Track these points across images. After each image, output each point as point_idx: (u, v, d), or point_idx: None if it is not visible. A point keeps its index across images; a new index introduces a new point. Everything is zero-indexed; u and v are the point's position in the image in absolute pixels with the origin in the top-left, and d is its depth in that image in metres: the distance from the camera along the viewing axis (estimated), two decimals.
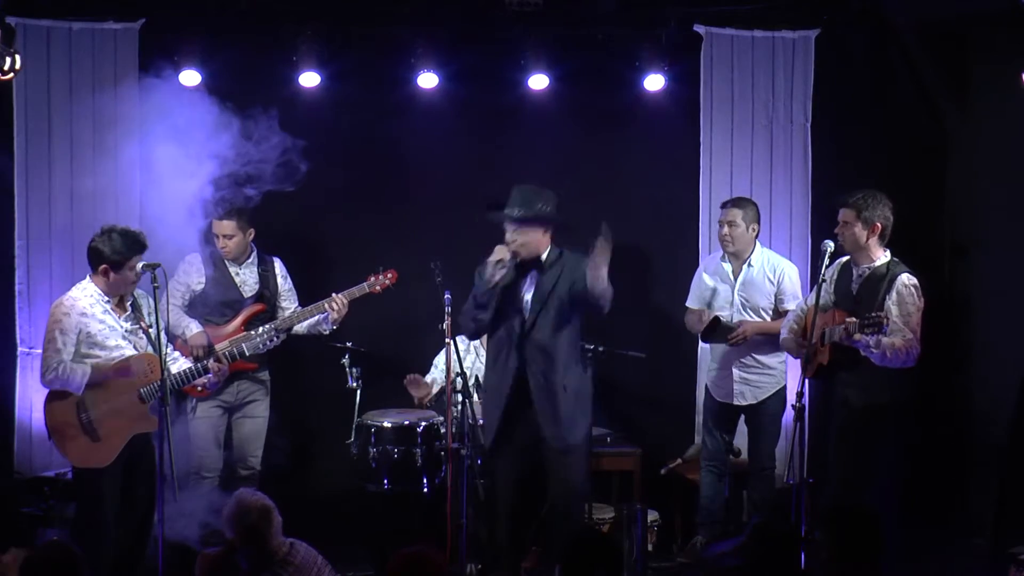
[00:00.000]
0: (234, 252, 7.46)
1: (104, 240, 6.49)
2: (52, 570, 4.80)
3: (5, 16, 7.22)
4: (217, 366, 6.89)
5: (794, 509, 6.57)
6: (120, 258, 6.45)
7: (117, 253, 6.45)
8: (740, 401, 7.58)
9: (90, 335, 6.47)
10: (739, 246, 7.55)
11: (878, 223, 6.78)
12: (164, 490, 6.13)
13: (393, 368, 8.04)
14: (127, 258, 6.45)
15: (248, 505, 5.39)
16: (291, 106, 7.71)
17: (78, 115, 7.75)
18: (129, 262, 6.46)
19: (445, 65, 8.01)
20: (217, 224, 7.38)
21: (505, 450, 6.75)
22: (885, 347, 6.54)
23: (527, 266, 6.73)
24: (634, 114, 8.37)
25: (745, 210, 7.55)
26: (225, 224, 7.38)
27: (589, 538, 5.10)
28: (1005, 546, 6.81)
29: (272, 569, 5.32)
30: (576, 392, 6.73)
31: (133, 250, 6.47)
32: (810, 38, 8.23)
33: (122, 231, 6.53)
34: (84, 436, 6.49)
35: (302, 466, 8.10)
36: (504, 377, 6.71)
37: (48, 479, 7.38)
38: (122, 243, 6.46)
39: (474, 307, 6.76)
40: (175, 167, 7.31)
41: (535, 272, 6.74)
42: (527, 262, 6.73)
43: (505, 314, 6.75)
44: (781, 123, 8.27)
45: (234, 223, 7.38)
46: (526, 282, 6.76)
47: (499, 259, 6.62)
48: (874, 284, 6.75)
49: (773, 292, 7.56)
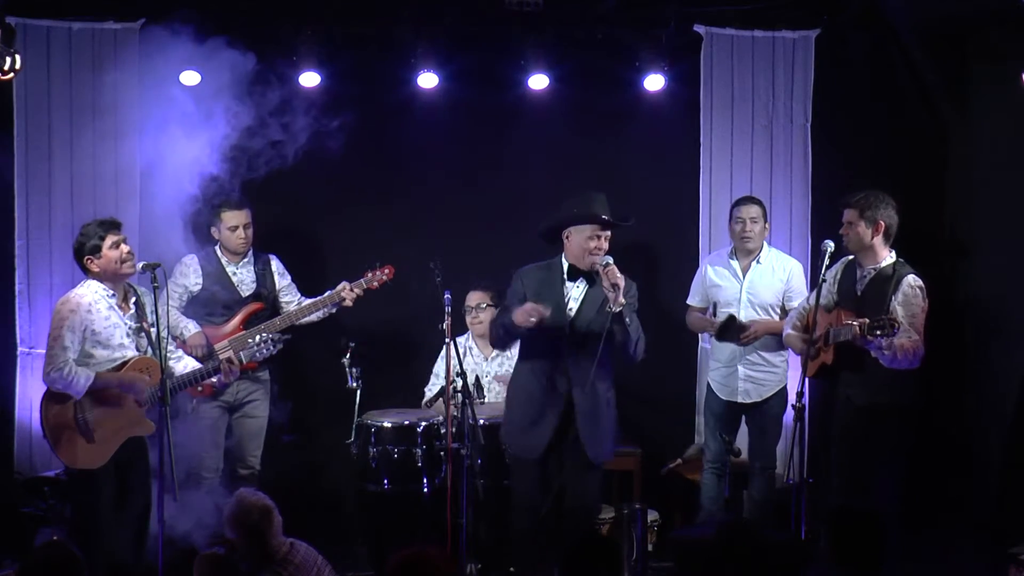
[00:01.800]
0: (248, 242, 7.46)
1: (79, 236, 6.57)
2: (51, 570, 4.79)
3: (5, 16, 7.20)
4: (229, 367, 6.86)
5: (794, 509, 6.58)
6: (95, 241, 6.47)
7: (90, 237, 6.49)
8: (744, 399, 7.58)
9: (95, 332, 6.46)
10: (758, 243, 7.57)
11: (882, 222, 6.78)
12: (164, 490, 6.13)
13: (393, 368, 8.06)
14: (101, 238, 6.47)
15: (249, 505, 5.39)
16: (290, 106, 7.70)
17: (78, 115, 7.74)
18: (104, 241, 6.47)
19: (445, 65, 8.01)
20: (236, 215, 7.39)
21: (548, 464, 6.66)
22: (895, 348, 6.54)
23: (576, 274, 6.63)
24: (634, 114, 8.37)
25: (762, 207, 7.62)
26: (243, 213, 7.41)
27: (589, 539, 5.10)
28: (1005, 546, 6.81)
29: (272, 569, 5.32)
30: (613, 408, 6.70)
31: (104, 228, 6.50)
32: (810, 38, 8.23)
33: (91, 222, 6.62)
34: (79, 437, 6.48)
35: (302, 466, 8.09)
36: (550, 392, 6.58)
37: (48, 479, 7.37)
38: (93, 228, 6.52)
39: (505, 335, 6.67)
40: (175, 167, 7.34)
41: (584, 283, 6.63)
42: (581, 273, 6.62)
43: (555, 324, 6.56)
44: (781, 123, 8.27)
45: (249, 211, 7.42)
46: (574, 290, 6.65)
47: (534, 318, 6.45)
48: (880, 285, 6.75)
49: (782, 290, 7.56)
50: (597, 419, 6.59)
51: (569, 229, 6.60)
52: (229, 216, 7.39)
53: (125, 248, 6.50)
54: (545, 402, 6.61)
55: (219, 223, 7.40)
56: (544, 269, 6.71)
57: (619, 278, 6.37)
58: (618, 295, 6.35)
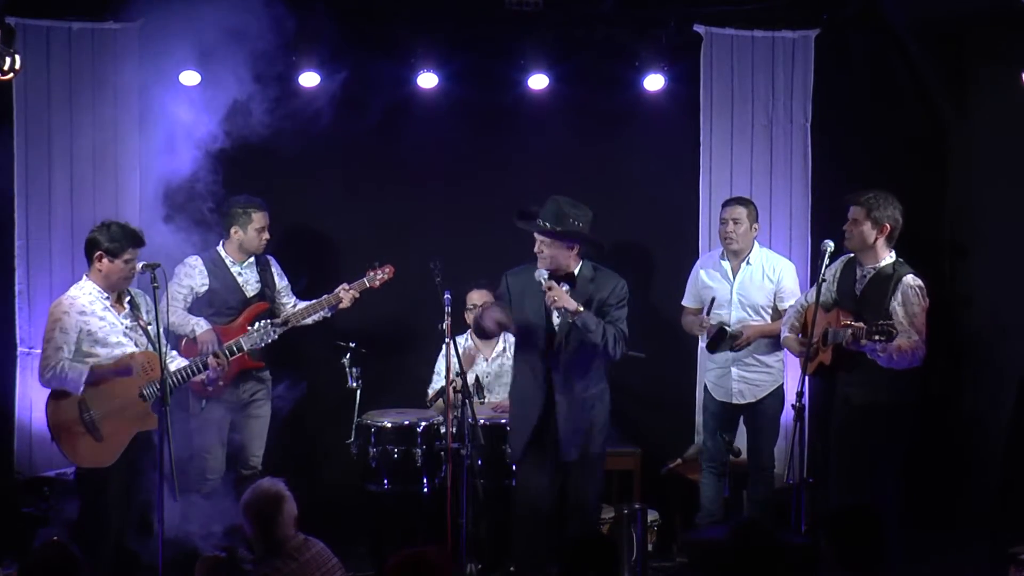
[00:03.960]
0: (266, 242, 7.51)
1: (102, 230, 6.57)
2: (51, 570, 4.79)
3: (5, 16, 7.21)
4: (215, 361, 6.91)
5: (794, 509, 6.58)
6: (116, 247, 6.50)
7: (114, 242, 6.51)
8: (739, 400, 7.58)
9: (91, 332, 6.48)
10: (742, 244, 7.55)
11: (887, 223, 6.77)
12: (164, 490, 6.12)
13: (393, 368, 8.06)
14: (123, 248, 6.50)
15: (261, 491, 5.39)
16: (290, 106, 7.70)
17: (78, 115, 7.74)
18: (124, 253, 6.50)
19: (445, 65, 8.01)
20: (263, 216, 7.45)
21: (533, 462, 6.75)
22: (892, 350, 6.52)
23: (559, 280, 6.68)
24: (634, 114, 8.37)
25: (749, 208, 7.58)
26: (267, 215, 7.47)
27: (586, 539, 5.10)
28: (1005, 546, 6.81)
29: (280, 558, 5.29)
30: (602, 405, 6.78)
31: (129, 241, 6.52)
32: (810, 38, 8.23)
33: (120, 224, 6.62)
34: (88, 436, 6.49)
35: (302, 466, 8.09)
36: (534, 392, 6.72)
37: (48, 479, 7.37)
38: (120, 233, 6.54)
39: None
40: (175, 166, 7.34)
41: (567, 287, 6.69)
42: (559, 276, 6.70)
43: (535, 327, 6.75)
44: (781, 123, 8.27)
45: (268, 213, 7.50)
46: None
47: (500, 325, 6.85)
48: (880, 285, 6.74)
49: (772, 291, 7.56)
50: (578, 419, 6.68)
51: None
52: (259, 217, 7.45)
53: (136, 267, 6.54)
54: (530, 401, 6.74)
55: (247, 223, 7.43)
56: (528, 271, 6.78)
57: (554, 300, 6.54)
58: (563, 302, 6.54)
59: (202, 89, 7.50)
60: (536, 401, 6.72)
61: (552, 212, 6.67)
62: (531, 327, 6.76)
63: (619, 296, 6.72)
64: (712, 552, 6.32)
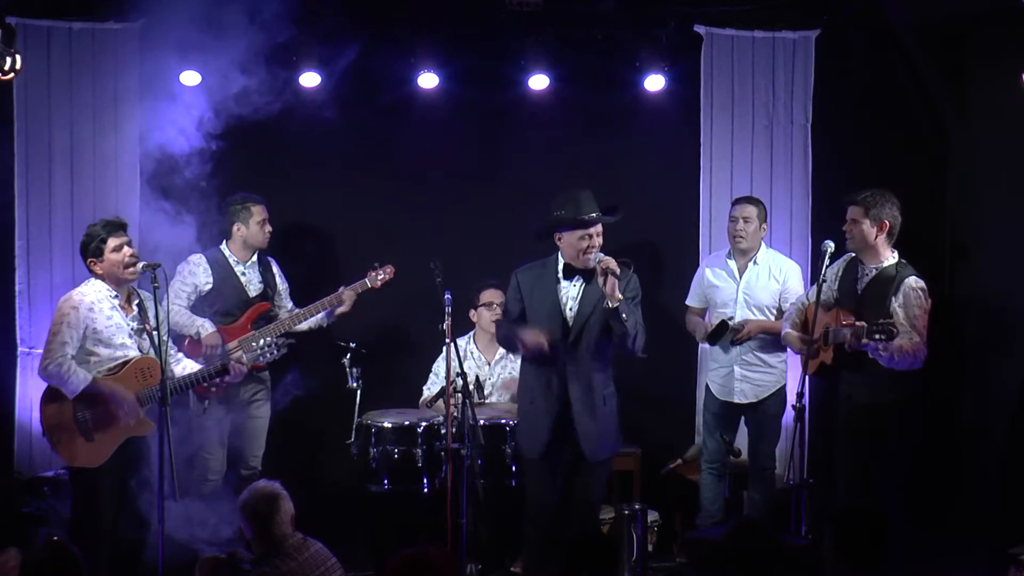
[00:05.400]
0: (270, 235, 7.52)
1: (85, 237, 6.57)
2: (51, 570, 4.79)
3: (5, 16, 7.20)
4: (239, 367, 6.86)
5: (794, 509, 6.58)
6: (98, 242, 6.48)
7: (93, 238, 6.49)
8: (741, 399, 7.58)
9: (96, 331, 6.47)
10: (751, 243, 7.56)
11: (886, 221, 6.78)
12: (164, 491, 6.12)
13: (393, 368, 8.05)
14: (104, 240, 6.48)
15: (258, 491, 5.40)
16: (291, 106, 7.71)
17: (78, 115, 7.75)
18: (107, 244, 6.48)
19: (445, 65, 8.02)
20: (262, 208, 7.47)
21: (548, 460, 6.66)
22: (893, 350, 6.52)
23: (572, 273, 6.63)
24: (634, 114, 8.37)
25: (759, 208, 7.59)
26: (264, 208, 7.48)
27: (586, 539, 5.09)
28: (1005, 546, 6.81)
29: (278, 556, 5.29)
30: (612, 404, 6.69)
31: (107, 230, 6.50)
32: (810, 38, 8.23)
33: (95, 222, 6.62)
34: (79, 436, 6.48)
35: (302, 466, 8.09)
36: (547, 388, 6.61)
37: (48, 479, 7.38)
38: (97, 228, 6.53)
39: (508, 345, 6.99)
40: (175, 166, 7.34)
41: (581, 281, 6.64)
42: (574, 269, 6.62)
43: (549, 322, 6.61)
44: (781, 123, 8.27)
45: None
46: (571, 289, 6.64)
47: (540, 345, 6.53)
48: (881, 285, 6.74)
49: (778, 291, 7.56)
50: (594, 416, 6.59)
51: (559, 231, 6.61)
52: (258, 210, 7.46)
53: (128, 251, 6.50)
54: (544, 399, 6.62)
55: (248, 217, 7.44)
56: (539, 268, 6.72)
57: (614, 267, 6.36)
58: (615, 290, 6.37)
59: (202, 89, 7.50)
60: (550, 397, 6.59)
61: (592, 199, 6.57)
62: (544, 323, 6.61)
63: (634, 290, 6.61)
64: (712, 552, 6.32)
